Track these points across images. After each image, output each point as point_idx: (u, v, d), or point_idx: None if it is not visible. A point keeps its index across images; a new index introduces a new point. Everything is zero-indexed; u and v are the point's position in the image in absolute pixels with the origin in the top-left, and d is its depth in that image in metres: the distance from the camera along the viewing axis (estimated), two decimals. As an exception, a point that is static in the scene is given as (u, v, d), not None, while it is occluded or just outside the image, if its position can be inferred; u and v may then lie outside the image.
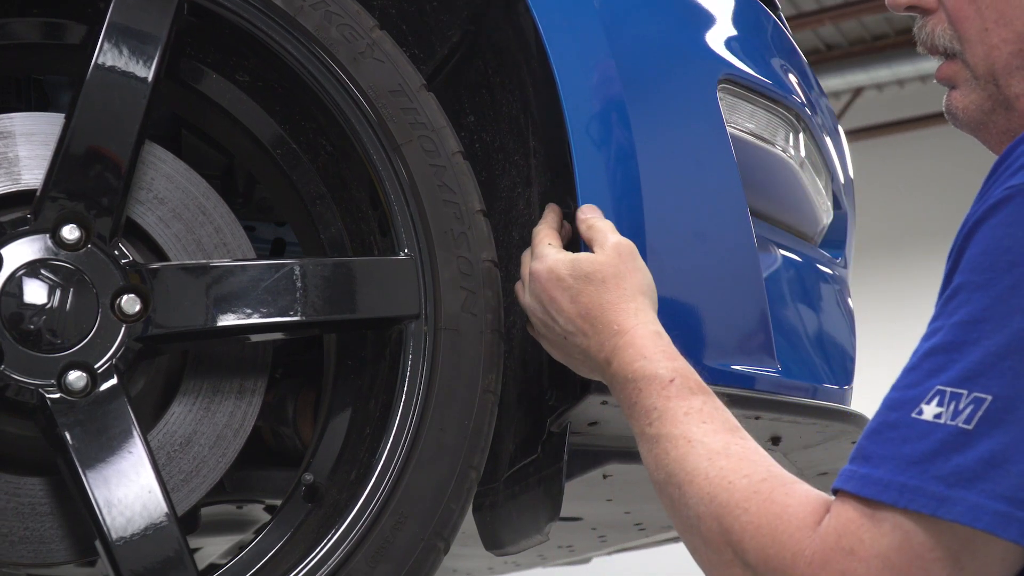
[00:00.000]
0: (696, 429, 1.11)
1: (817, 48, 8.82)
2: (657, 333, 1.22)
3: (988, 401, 0.90)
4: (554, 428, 1.41)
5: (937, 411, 0.92)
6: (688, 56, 1.50)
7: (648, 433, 1.14)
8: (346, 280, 1.31)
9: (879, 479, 0.93)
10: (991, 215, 0.95)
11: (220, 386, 1.38)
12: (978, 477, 0.89)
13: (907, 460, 0.92)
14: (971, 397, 0.91)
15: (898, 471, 0.92)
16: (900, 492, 0.92)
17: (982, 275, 0.94)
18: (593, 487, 1.64)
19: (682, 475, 1.08)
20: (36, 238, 1.24)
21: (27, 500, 1.29)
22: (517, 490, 1.47)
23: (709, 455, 1.07)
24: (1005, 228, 0.93)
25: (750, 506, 1.01)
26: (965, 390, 0.91)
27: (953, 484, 0.90)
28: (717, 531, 1.02)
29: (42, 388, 1.21)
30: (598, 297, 1.25)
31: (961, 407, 0.91)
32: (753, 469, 1.05)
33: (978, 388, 0.91)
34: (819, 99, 1.76)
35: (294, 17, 1.34)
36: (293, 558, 1.27)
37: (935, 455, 0.91)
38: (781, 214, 1.64)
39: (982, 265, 0.94)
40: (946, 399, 0.92)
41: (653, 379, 1.16)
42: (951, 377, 0.92)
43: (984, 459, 0.89)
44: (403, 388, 1.29)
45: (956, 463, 0.90)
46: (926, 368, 0.95)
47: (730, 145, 1.47)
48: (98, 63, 1.26)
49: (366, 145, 1.34)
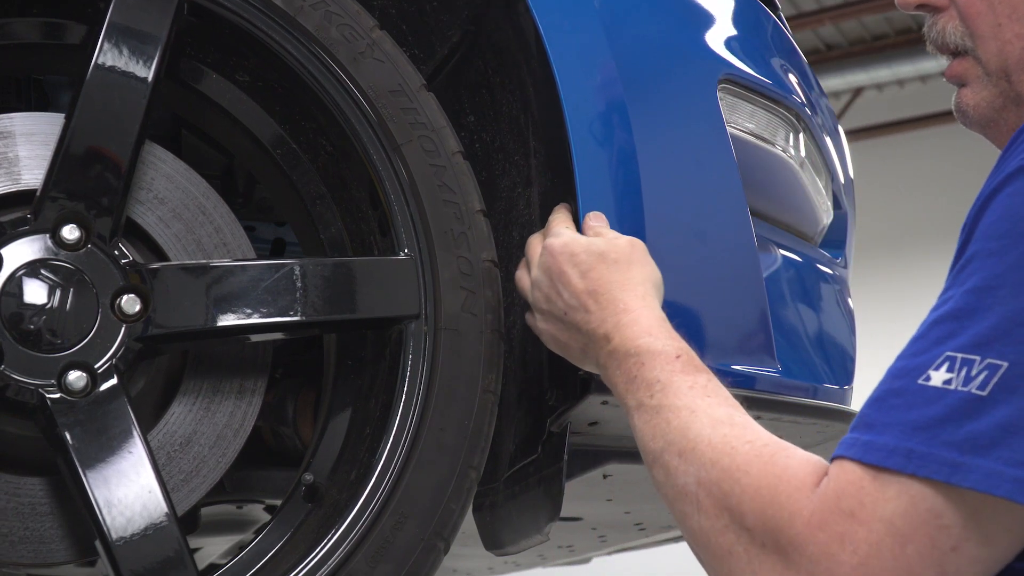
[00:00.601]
0: (700, 401, 1.10)
1: (817, 48, 8.82)
2: (662, 318, 1.22)
3: (1004, 368, 0.89)
4: (554, 428, 1.41)
5: (947, 377, 0.91)
6: (688, 56, 1.50)
7: (648, 404, 1.13)
8: (346, 280, 1.31)
9: (884, 445, 0.92)
10: (1007, 184, 0.94)
11: (220, 386, 1.38)
12: (995, 444, 0.88)
13: (914, 426, 0.91)
14: (985, 363, 0.89)
15: (904, 437, 0.91)
16: (907, 458, 0.90)
17: (997, 242, 0.93)
18: (593, 487, 1.64)
19: (684, 443, 1.07)
20: (36, 238, 1.24)
21: (27, 500, 1.29)
22: (517, 490, 1.47)
23: (712, 423, 1.07)
24: (1018, 198, 0.93)
25: (751, 469, 1.00)
26: (978, 356, 0.90)
27: (967, 451, 0.88)
28: (717, 495, 1.01)
29: (42, 388, 1.21)
30: (608, 276, 1.26)
31: (974, 373, 0.90)
32: (756, 436, 1.04)
33: (992, 354, 0.89)
34: (819, 99, 1.76)
35: (294, 17, 1.34)
36: (293, 558, 1.27)
37: (945, 421, 0.90)
38: (781, 214, 1.64)
39: (997, 232, 0.93)
40: (956, 365, 0.91)
41: (659, 354, 1.16)
42: (962, 343, 0.91)
43: (1002, 425, 0.88)
44: (403, 388, 1.29)
45: (970, 429, 0.89)
46: (934, 336, 0.93)
47: (730, 145, 1.47)
48: (98, 63, 1.26)
49: (366, 145, 1.34)
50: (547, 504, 1.40)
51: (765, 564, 0.96)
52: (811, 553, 0.93)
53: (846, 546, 0.91)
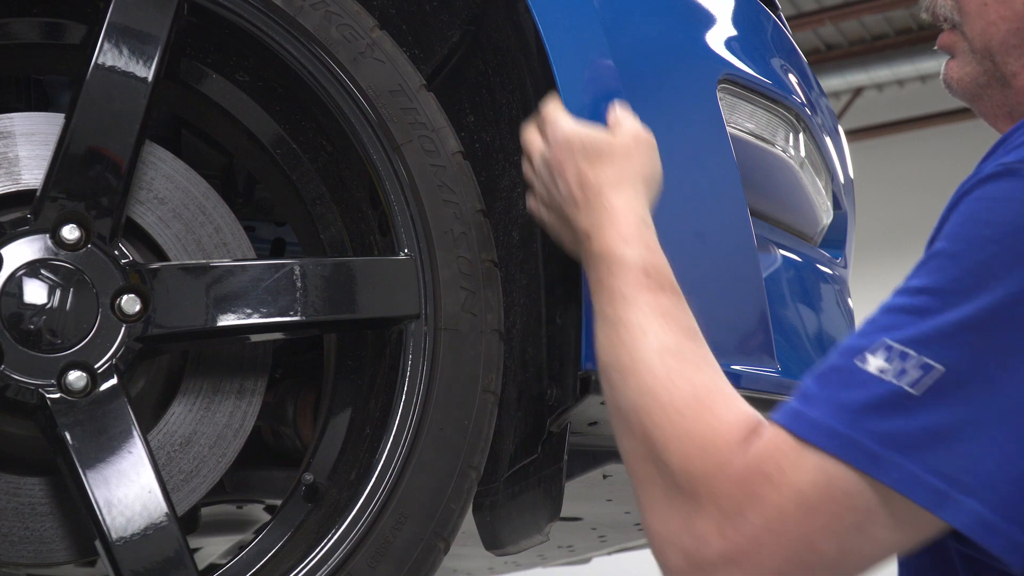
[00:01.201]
0: (655, 324, 1.10)
1: (817, 48, 8.83)
2: (644, 223, 1.21)
3: (941, 372, 0.90)
4: (554, 428, 1.41)
5: (882, 365, 0.92)
6: (688, 56, 1.50)
7: (607, 314, 1.14)
8: (346, 280, 1.31)
9: (812, 418, 0.94)
10: (978, 188, 0.95)
11: (220, 386, 1.38)
12: (919, 447, 0.90)
13: (842, 406, 0.93)
14: (921, 362, 0.91)
15: (832, 415, 0.93)
16: (831, 437, 0.92)
17: (957, 245, 0.94)
18: (593, 487, 1.64)
19: (629, 363, 1.08)
20: (36, 238, 1.24)
21: (27, 500, 1.29)
22: (517, 490, 1.47)
23: (660, 351, 1.07)
24: (988, 203, 0.93)
25: (687, 411, 1.02)
26: (915, 352, 0.91)
27: (890, 446, 0.90)
28: (647, 425, 1.03)
29: (42, 388, 1.21)
30: (600, 173, 1.24)
31: (907, 368, 0.91)
32: (698, 376, 1.05)
33: (930, 354, 0.90)
34: (819, 99, 1.76)
35: (294, 17, 1.34)
36: (293, 558, 1.27)
37: (869, 408, 0.91)
38: (781, 214, 1.64)
39: (959, 235, 0.94)
40: (893, 355, 0.92)
41: (628, 265, 1.16)
42: (904, 336, 0.92)
43: (929, 430, 0.90)
44: (403, 388, 1.29)
45: (895, 425, 0.90)
46: (883, 323, 0.95)
47: (730, 145, 1.47)
48: (98, 63, 1.26)
49: (366, 145, 1.34)
50: (547, 504, 1.40)
51: (676, 502, 0.99)
52: (723, 506, 0.95)
53: (756, 506, 0.94)
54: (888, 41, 8.72)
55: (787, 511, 0.93)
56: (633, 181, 1.24)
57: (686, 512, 0.98)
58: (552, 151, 1.28)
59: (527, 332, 1.43)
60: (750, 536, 0.94)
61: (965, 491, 0.89)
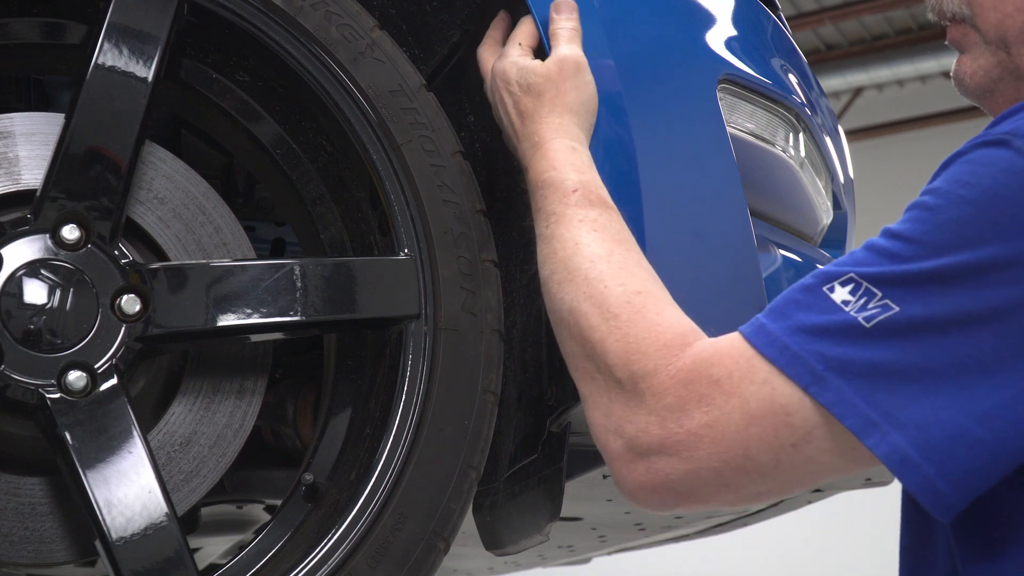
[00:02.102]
0: (585, 235, 1.19)
1: (817, 48, 8.82)
2: (572, 148, 1.29)
3: (894, 311, 0.94)
4: (554, 428, 1.41)
5: (846, 297, 0.97)
6: (688, 56, 1.50)
7: (543, 233, 1.24)
8: (346, 280, 1.31)
9: (770, 332, 0.99)
10: (969, 152, 0.98)
11: (220, 386, 1.38)
12: (860, 375, 0.94)
13: (800, 327, 0.98)
14: (881, 301, 0.95)
15: (788, 333, 0.98)
16: (781, 352, 0.98)
17: (937, 200, 0.97)
18: (593, 487, 1.64)
19: (564, 273, 1.17)
20: (36, 238, 1.24)
21: (27, 500, 1.29)
22: (517, 490, 1.47)
23: (592, 258, 1.16)
24: (973, 166, 0.97)
25: (621, 313, 1.10)
26: (880, 292, 0.95)
27: (834, 369, 0.95)
28: (584, 327, 1.12)
29: (42, 388, 1.21)
30: (531, 107, 1.33)
31: (869, 305, 0.95)
32: (630, 280, 1.14)
33: (892, 296, 0.95)
34: (819, 99, 1.76)
35: (294, 17, 1.34)
36: (293, 558, 1.27)
37: (824, 333, 0.96)
38: (781, 214, 1.64)
39: (941, 191, 0.98)
40: (860, 291, 0.96)
41: (557, 187, 1.25)
42: (872, 274, 0.96)
43: (874, 364, 0.94)
44: (403, 388, 1.29)
45: (844, 352, 0.95)
46: (859, 258, 0.99)
47: (730, 145, 1.47)
48: (98, 63, 1.26)
49: (366, 145, 1.34)
50: (547, 504, 1.40)
51: (616, 396, 1.06)
52: (668, 402, 1.02)
53: (701, 406, 1.00)
54: (888, 41, 8.72)
55: (731, 416, 0.99)
56: (560, 113, 1.32)
57: (626, 404, 1.05)
58: (495, 84, 1.36)
59: (527, 332, 1.43)
60: (690, 431, 1.00)
61: (895, 425, 0.93)
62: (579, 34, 1.36)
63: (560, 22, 1.36)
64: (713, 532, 2.08)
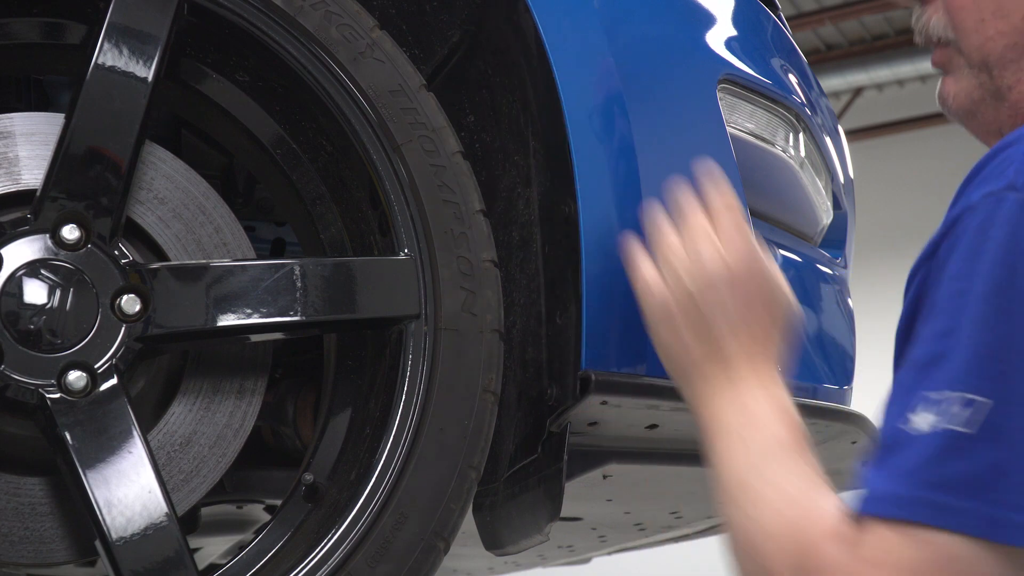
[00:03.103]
0: None
1: (817, 48, 8.83)
2: (772, 378, 1.18)
3: (988, 404, 0.88)
4: (554, 428, 1.41)
5: (929, 419, 0.90)
6: (688, 56, 1.50)
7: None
8: (346, 280, 1.31)
9: (876, 495, 0.91)
10: (963, 218, 0.94)
11: (220, 386, 1.38)
12: (983, 486, 0.87)
13: (902, 473, 0.90)
14: (963, 399, 0.88)
15: (893, 484, 0.90)
16: (896, 505, 0.90)
17: (957, 283, 0.92)
18: (593, 487, 1.64)
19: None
20: (36, 238, 1.24)
21: (27, 500, 1.29)
22: (517, 490, 1.47)
23: None
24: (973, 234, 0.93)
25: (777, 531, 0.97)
26: (952, 392, 0.89)
27: (955, 493, 0.88)
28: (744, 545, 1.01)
29: (42, 388, 1.21)
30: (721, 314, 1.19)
31: (952, 411, 0.89)
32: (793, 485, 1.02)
33: (968, 389, 0.88)
34: (819, 99, 1.76)
35: (294, 17, 1.34)
36: (293, 558, 1.27)
37: (930, 463, 0.89)
38: (781, 214, 1.64)
39: (955, 273, 0.93)
40: (932, 404, 0.90)
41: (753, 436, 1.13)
42: (935, 382, 0.90)
43: (989, 465, 0.87)
44: (403, 388, 1.29)
45: (957, 469, 0.88)
46: (911, 380, 0.93)
47: (730, 145, 1.47)
48: (98, 63, 1.26)
49: (366, 145, 1.34)
50: (547, 504, 1.40)
51: None
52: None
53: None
54: (888, 41, 8.72)
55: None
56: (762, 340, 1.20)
57: None
58: (703, 287, 1.19)
59: (527, 332, 1.43)
60: None
61: None
62: None
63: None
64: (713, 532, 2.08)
